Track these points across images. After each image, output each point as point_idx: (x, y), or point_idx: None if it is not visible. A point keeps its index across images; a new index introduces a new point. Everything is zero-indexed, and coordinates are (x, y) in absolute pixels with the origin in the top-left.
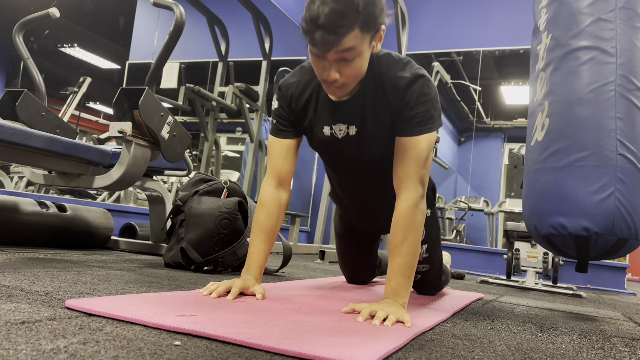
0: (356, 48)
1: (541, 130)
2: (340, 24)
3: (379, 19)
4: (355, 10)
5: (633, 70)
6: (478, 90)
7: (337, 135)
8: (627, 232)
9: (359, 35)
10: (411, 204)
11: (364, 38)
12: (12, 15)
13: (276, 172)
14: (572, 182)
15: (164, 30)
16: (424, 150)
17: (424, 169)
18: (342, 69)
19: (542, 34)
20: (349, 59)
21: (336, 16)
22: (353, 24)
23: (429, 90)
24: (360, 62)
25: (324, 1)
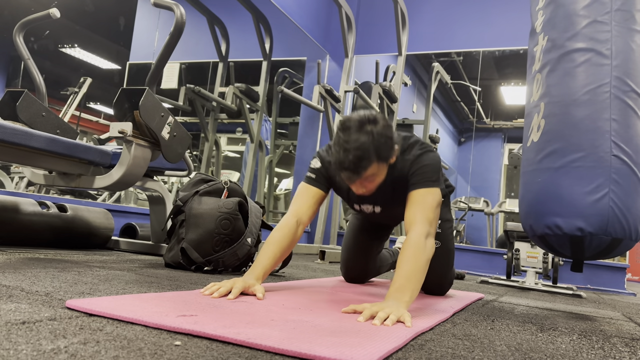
0: (375, 173)
1: (537, 131)
2: (360, 166)
3: (391, 151)
4: (371, 153)
5: (628, 71)
6: (478, 91)
7: (365, 211)
8: (621, 232)
9: (375, 166)
10: (420, 234)
11: (381, 165)
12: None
13: (299, 213)
14: (567, 182)
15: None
16: (429, 200)
17: (431, 213)
18: (366, 185)
19: (539, 35)
20: (370, 180)
21: (356, 161)
22: (370, 163)
23: (428, 159)
24: (380, 178)
25: (346, 149)
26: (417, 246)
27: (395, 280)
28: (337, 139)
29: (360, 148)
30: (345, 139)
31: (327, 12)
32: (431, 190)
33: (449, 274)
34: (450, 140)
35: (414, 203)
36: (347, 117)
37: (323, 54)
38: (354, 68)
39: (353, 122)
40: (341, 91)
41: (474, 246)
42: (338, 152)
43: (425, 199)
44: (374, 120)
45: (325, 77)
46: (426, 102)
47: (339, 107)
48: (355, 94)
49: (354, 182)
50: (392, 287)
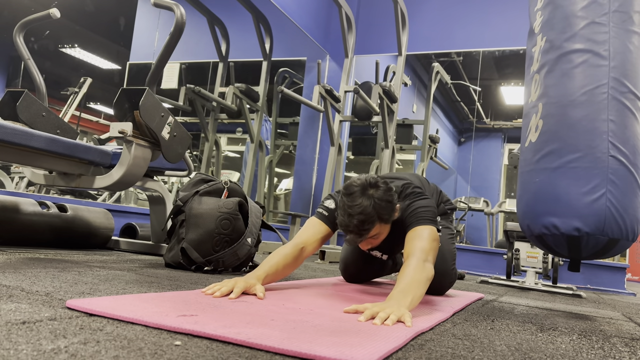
0: (379, 232)
1: (535, 131)
2: (364, 228)
3: (392, 212)
4: (373, 216)
5: (625, 72)
6: (478, 91)
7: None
8: (618, 232)
9: (378, 226)
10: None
11: (383, 225)
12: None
13: (305, 242)
14: (564, 182)
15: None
16: (425, 234)
17: (427, 244)
18: (371, 242)
19: (537, 36)
20: (374, 237)
21: (360, 224)
22: (373, 224)
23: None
24: (384, 235)
25: (350, 214)
26: (417, 266)
27: (398, 284)
28: (342, 204)
29: (363, 213)
30: (349, 204)
31: (327, 12)
32: (427, 227)
33: (448, 275)
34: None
35: (412, 238)
36: (350, 182)
37: (323, 54)
38: (354, 68)
39: (356, 187)
40: (341, 91)
41: (474, 246)
42: (343, 216)
43: (421, 234)
44: (375, 184)
45: (325, 77)
46: (426, 102)
47: (339, 107)
48: (355, 94)
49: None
50: (395, 289)
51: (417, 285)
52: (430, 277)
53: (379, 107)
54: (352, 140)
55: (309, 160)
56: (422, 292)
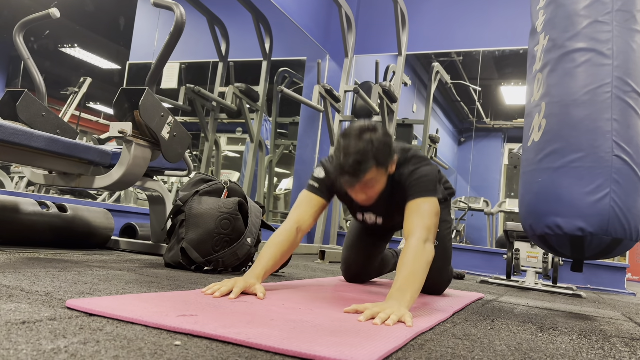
0: (374, 178)
1: (538, 131)
2: (360, 169)
3: (389, 158)
4: (370, 158)
5: (629, 72)
6: (478, 91)
7: (367, 221)
8: (622, 232)
9: (375, 171)
10: (419, 240)
11: (380, 171)
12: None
13: (299, 220)
14: (568, 182)
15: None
16: (426, 209)
17: (429, 220)
18: (366, 191)
19: (539, 35)
20: (369, 186)
21: (356, 164)
22: (370, 167)
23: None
24: (380, 185)
25: (346, 153)
26: (417, 250)
27: (396, 281)
28: (338, 146)
29: (360, 152)
30: (346, 144)
31: (327, 12)
32: (428, 200)
33: (445, 274)
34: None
35: (412, 212)
36: (348, 126)
37: (323, 54)
38: (354, 68)
39: (354, 130)
40: (341, 91)
41: (474, 246)
42: (338, 157)
43: (422, 208)
44: (374, 128)
45: (325, 77)
46: (426, 102)
47: (339, 107)
48: (355, 94)
49: (354, 187)
50: (394, 287)
51: (416, 278)
52: (431, 259)
53: (379, 107)
54: None
55: (309, 160)
56: (421, 282)
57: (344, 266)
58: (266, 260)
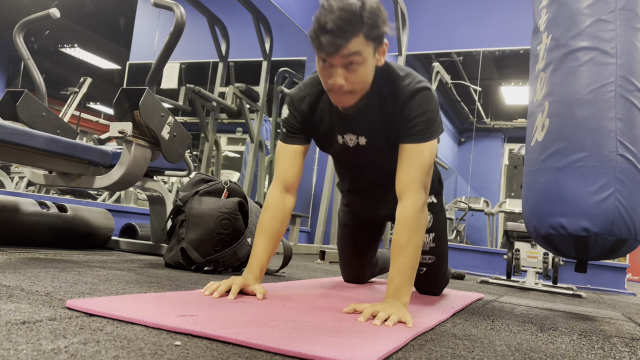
0: (361, 53)
1: (541, 130)
2: (345, 29)
3: (381, 28)
4: (359, 17)
5: (633, 70)
6: (478, 91)
7: (349, 144)
8: (626, 232)
9: (363, 41)
10: (416, 208)
11: (368, 45)
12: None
13: (283, 177)
14: (571, 182)
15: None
16: (426, 158)
17: (427, 176)
18: (348, 76)
19: (542, 34)
20: (353, 63)
21: (342, 22)
22: (357, 30)
23: (428, 102)
24: (365, 70)
25: (330, 10)
26: (415, 225)
27: (392, 276)
28: (321, 7)
29: (347, 10)
30: (330, 2)
31: None
32: (428, 146)
33: (443, 276)
34: (450, 140)
35: (409, 161)
36: None
37: None
38: None
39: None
40: None
41: (474, 246)
42: (320, 16)
43: (422, 158)
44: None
45: None
46: None
47: None
48: None
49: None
50: (390, 285)
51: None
52: (426, 222)
53: None
54: None
55: (309, 160)
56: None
57: (342, 270)
58: (259, 252)
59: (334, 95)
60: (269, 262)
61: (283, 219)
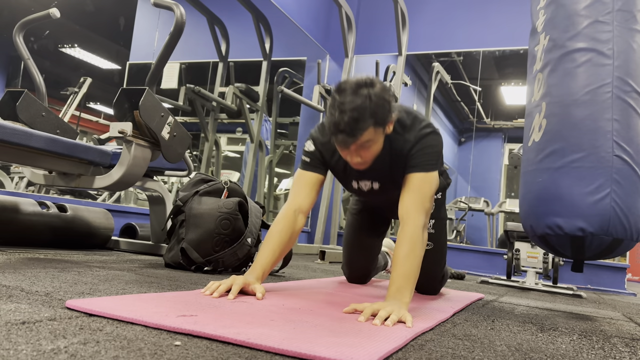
0: (372, 139)
1: (538, 130)
2: (356, 127)
3: (387, 117)
4: (368, 115)
5: (629, 72)
6: (478, 91)
7: (363, 188)
8: (622, 232)
9: (372, 130)
10: (417, 226)
11: (377, 130)
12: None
13: (297, 202)
14: (568, 182)
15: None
16: (426, 186)
17: (428, 202)
18: (362, 153)
19: (540, 35)
20: (366, 147)
21: (353, 122)
22: (367, 125)
23: (430, 141)
24: (377, 146)
25: (342, 110)
26: (415, 240)
27: (394, 279)
28: (333, 102)
29: (356, 109)
30: (341, 100)
31: (327, 12)
32: (430, 176)
33: (440, 274)
34: (451, 140)
35: (412, 189)
36: (343, 81)
37: (323, 54)
38: (354, 68)
39: (349, 84)
40: None
41: (474, 246)
42: (333, 114)
43: (424, 186)
44: (371, 83)
45: (325, 77)
46: (426, 102)
47: None
48: None
49: (349, 148)
50: (392, 286)
51: (413, 274)
52: (426, 242)
53: None
54: None
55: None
56: (417, 275)
57: (347, 269)
58: (264, 257)
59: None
60: (272, 267)
61: (291, 235)
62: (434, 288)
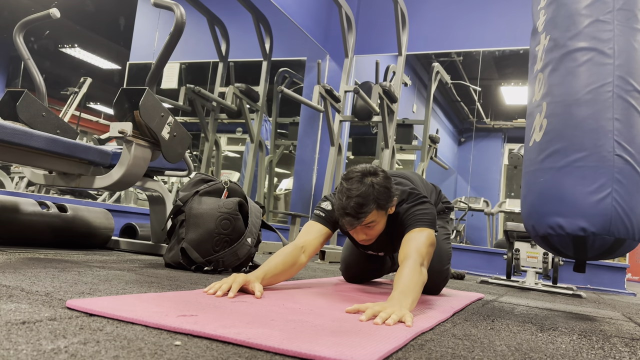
0: (375, 220)
1: (539, 130)
2: (361, 212)
3: (389, 201)
4: (372, 201)
5: (630, 71)
6: (478, 91)
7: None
8: (624, 232)
9: (375, 213)
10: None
11: (380, 213)
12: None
13: (304, 243)
14: (570, 182)
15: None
16: (423, 239)
17: (424, 248)
18: (367, 232)
19: (541, 34)
20: (370, 227)
21: (358, 206)
22: (371, 209)
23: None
24: (380, 226)
25: (349, 195)
26: (413, 269)
27: (397, 286)
28: (341, 188)
29: (361, 195)
30: (348, 187)
31: (327, 12)
32: (424, 230)
33: (443, 273)
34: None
35: (408, 240)
36: (350, 169)
37: (323, 54)
38: (354, 68)
39: (356, 173)
40: (341, 91)
41: (474, 246)
42: (341, 199)
43: (419, 237)
44: (375, 172)
45: (325, 77)
46: (426, 102)
47: (339, 107)
48: (355, 94)
49: (355, 228)
50: (395, 290)
51: (415, 287)
52: (424, 281)
53: (379, 107)
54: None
55: (309, 160)
56: (419, 294)
57: (343, 266)
58: (270, 265)
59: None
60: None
61: (296, 261)
62: (437, 286)
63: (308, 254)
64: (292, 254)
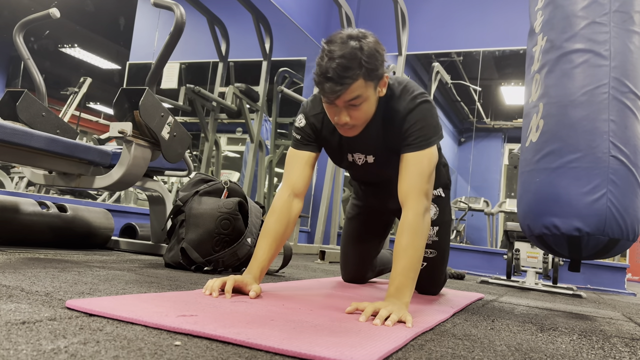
0: (361, 95)
1: (535, 131)
2: (345, 76)
3: (379, 69)
4: (358, 64)
5: (626, 72)
6: (478, 91)
7: (357, 162)
8: (619, 232)
9: (362, 84)
10: (417, 213)
11: (368, 85)
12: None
13: (292, 183)
14: (565, 182)
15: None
16: (425, 165)
17: (427, 183)
18: (351, 113)
19: (537, 35)
20: (356, 104)
21: (341, 69)
22: (357, 75)
23: (422, 113)
24: (367, 106)
25: (331, 57)
26: (415, 229)
27: (394, 277)
28: (322, 52)
29: (346, 57)
30: (330, 49)
31: (327, 12)
32: (427, 153)
33: (441, 276)
34: (450, 140)
35: (409, 170)
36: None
37: None
38: None
39: (340, 35)
40: None
41: (474, 246)
42: (320, 63)
43: (422, 165)
44: (364, 35)
45: None
46: None
47: None
48: None
49: (338, 99)
50: (392, 285)
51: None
52: (428, 228)
53: None
54: None
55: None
56: (418, 268)
57: (342, 265)
58: (261, 254)
59: (339, 129)
60: (270, 264)
61: (288, 223)
62: (434, 291)
63: (300, 197)
64: (281, 217)
